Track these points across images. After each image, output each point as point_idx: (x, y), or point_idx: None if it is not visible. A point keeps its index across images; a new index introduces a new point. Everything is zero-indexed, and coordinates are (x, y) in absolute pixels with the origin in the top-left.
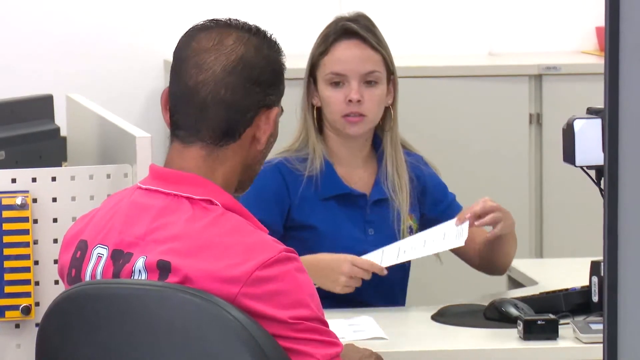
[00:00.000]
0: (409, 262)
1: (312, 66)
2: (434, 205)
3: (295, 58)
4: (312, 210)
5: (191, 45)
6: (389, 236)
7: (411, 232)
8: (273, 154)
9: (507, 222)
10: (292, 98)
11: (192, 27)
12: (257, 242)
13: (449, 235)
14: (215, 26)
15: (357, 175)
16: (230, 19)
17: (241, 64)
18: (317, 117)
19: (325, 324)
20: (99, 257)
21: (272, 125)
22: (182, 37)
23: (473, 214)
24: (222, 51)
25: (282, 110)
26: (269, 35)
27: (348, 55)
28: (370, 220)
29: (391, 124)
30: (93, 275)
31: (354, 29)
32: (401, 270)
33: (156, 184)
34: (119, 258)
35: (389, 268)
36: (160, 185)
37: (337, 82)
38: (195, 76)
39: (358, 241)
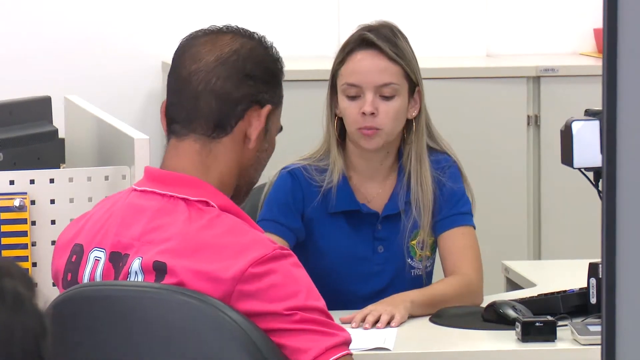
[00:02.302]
0: (425, 276)
1: (333, 76)
2: (434, 216)
3: (294, 59)
4: (319, 225)
5: (189, 42)
6: (399, 252)
7: (423, 246)
8: (294, 159)
9: (401, 313)
10: (291, 99)
11: (194, 31)
12: (251, 241)
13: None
14: (215, 29)
15: (374, 190)
16: (230, 25)
17: (235, 55)
18: (341, 126)
19: (327, 315)
20: (97, 261)
21: (263, 122)
22: (182, 39)
23: (370, 324)
24: (218, 44)
25: (281, 128)
26: (267, 41)
27: (363, 66)
28: (380, 237)
29: (413, 137)
30: (92, 279)
31: (370, 39)
32: (416, 284)
33: (151, 185)
34: (118, 261)
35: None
36: (155, 186)
37: (353, 93)
38: (189, 66)
39: (363, 261)
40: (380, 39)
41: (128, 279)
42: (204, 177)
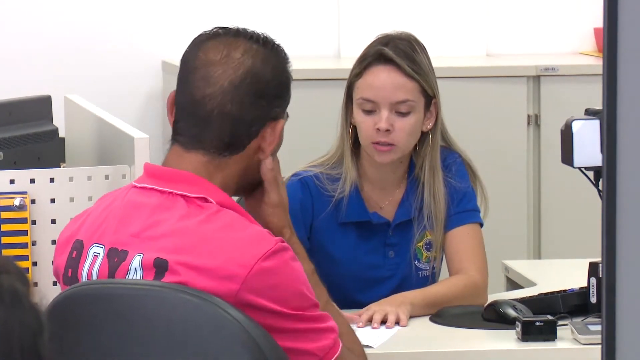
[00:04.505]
0: (431, 276)
1: (349, 86)
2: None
3: (294, 59)
4: (329, 234)
5: (199, 56)
6: (409, 256)
7: (429, 248)
8: (305, 164)
9: (405, 313)
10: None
11: (200, 35)
12: (252, 235)
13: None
14: (223, 35)
15: (385, 198)
16: (238, 28)
17: (249, 77)
18: (355, 134)
19: (319, 306)
20: (95, 257)
21: (277, 136)
22: (190, 45)
23: (378, 323)
24: (230, 64)
25: (287, 116)
26: (277, 45)
27: (379, 82)
28: (391, 244)
29: (428, 149)
30: (89, 275)
31: (388, 55)
32: (424, 285)
33: (151, 182)
34: (115, 256)
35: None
36: (154, 183)
37: (369, 108)
38: (202, 89)
39: (374, 268)
40: (398, 55)
41: (127, 276)
42: (207, 179)
